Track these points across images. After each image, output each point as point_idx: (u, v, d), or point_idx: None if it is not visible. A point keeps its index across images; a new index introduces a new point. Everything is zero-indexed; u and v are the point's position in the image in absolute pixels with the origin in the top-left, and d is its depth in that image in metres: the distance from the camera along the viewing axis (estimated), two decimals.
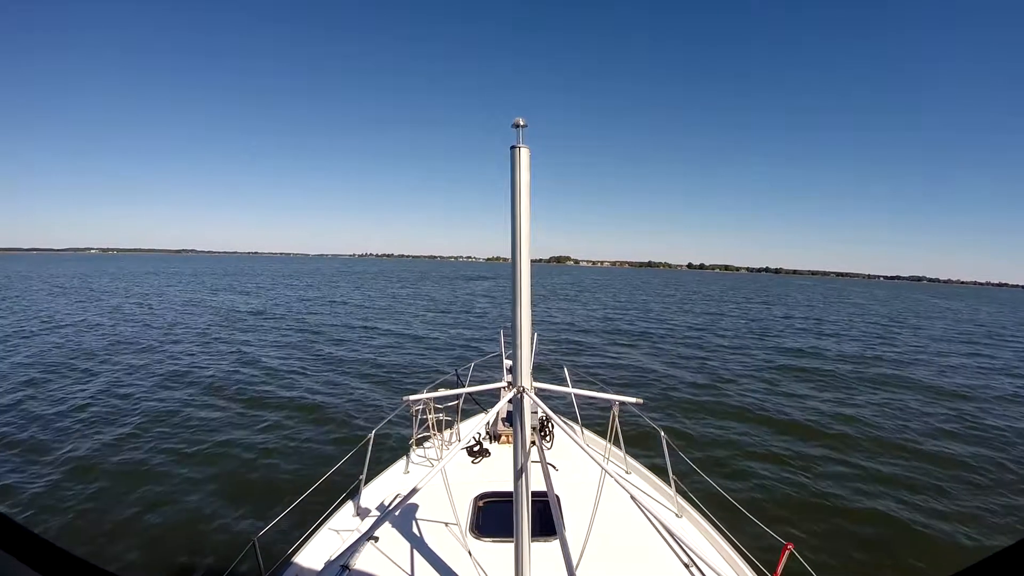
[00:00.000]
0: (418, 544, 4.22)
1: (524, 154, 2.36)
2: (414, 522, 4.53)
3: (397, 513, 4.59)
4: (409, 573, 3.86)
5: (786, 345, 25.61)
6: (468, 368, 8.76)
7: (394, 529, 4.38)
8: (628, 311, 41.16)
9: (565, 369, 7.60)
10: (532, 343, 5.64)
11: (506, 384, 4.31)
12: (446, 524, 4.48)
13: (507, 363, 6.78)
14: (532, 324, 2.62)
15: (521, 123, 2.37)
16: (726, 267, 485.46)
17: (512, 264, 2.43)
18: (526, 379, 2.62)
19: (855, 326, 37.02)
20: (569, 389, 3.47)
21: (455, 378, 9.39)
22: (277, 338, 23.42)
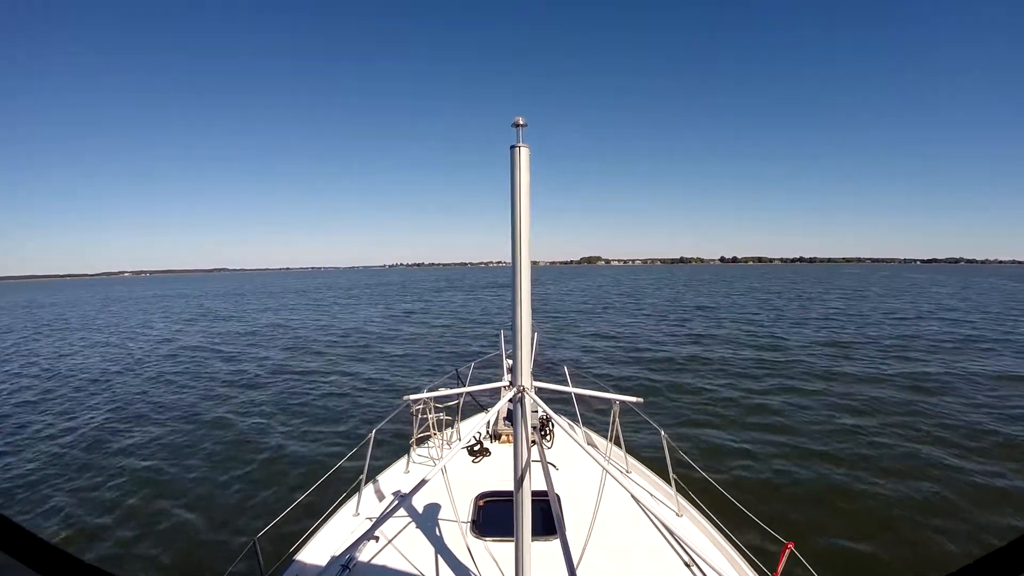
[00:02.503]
0: (419, 543, 4.22)
1: (524, 153, 2.35)
2: (415, 521, 4.53)
3: (398, 512, 4.59)
4: (410, 572, 3.86)
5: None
6: (468, 367, 8.77)
7: (395, 528, 4.38)
8: (706, 318, 31.69)
9: (565, 368, 7.59)
10: (532, 343, 5.63)
11: (506, 383, 4.31)
12: (447, 523, 4.48)
13: (507, 362, 6.77)
14: (532, 323, 2.62)
15: (521, 122, 2.37)
16: (759, 259, 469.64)
17: (512, 264, 2.43)
18: (526, 378, 2.61)
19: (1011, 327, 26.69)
20: (569, 388, 3.47)
21: (455, 377, 9.40)
22: (278, 342, 23.46)
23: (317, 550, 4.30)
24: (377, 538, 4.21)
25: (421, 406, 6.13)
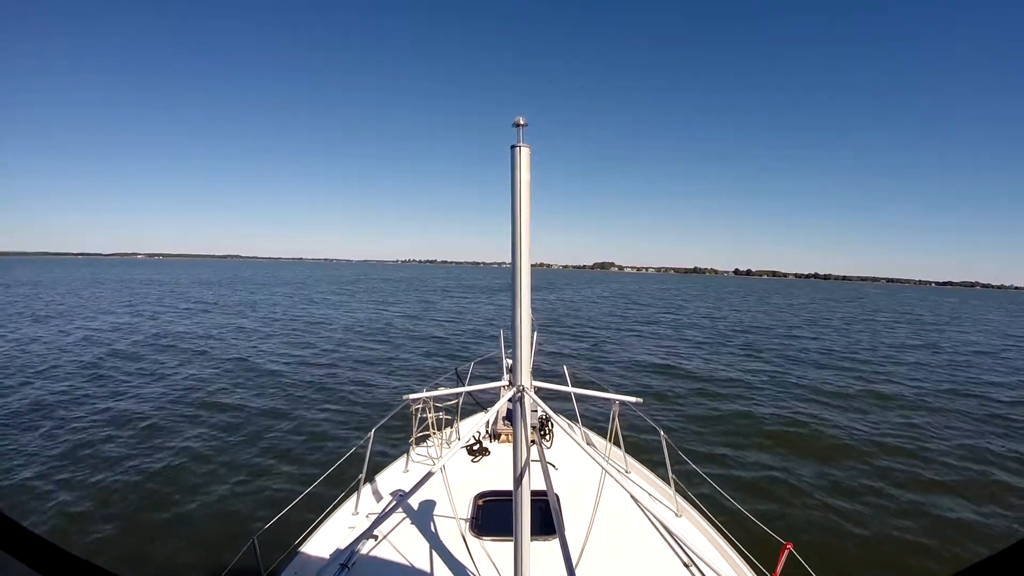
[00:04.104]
0: (418, 543, 4.22)
1: (524, 153, 2.36)
2: (414, 521, 4.53)
3: (397, 512, 4.59)
4: (409, 571, 3.86)
5: None
6: (468, 367, 8.78)
7: (394, 528, 4.39)
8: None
9: (565, 368, 7.60)
10: (532, 342, 5.64)
11: (506, 383, 4.31)
12: (446, 522, 4.48)
13: (507, 362, 6.78)
14: (532, 323, 2.62)
15: (521, 122, 2.38)
16: (773, 273, 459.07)
17: (512, 264, 2.44)
18: (526, 378, 2.62)
19: None
20: (569, 388, 3.47)
21: (455, 377, 9.41)
22: (277, 342, 23.46)
23: (316, 548, 4.31)
24: (376, 537, 4.22)
25: (420, 405, 6.14)
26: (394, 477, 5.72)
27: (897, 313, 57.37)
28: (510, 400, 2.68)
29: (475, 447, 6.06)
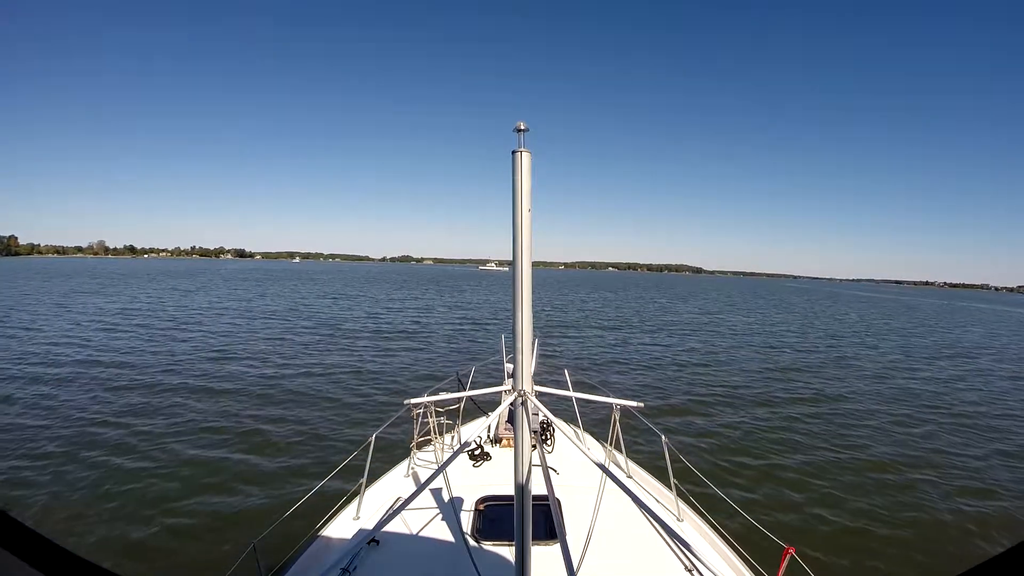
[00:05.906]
0: (419, 547, 4.22)
1: (525, 158, 2.38)
2: (416, 525, 4.53)
3: (398, 516, 4.59)
4: None
5: None
6: (469, 371, 8.78)
7: (395, 532, 4.38)
8: None
9: (566, 372, 7.61)
10: (533, 347, 5.65)
11: (507, 387, 4.32)
12: (448, 527, 4.48)
13: (508, 367, 6.79)
14: (533, 327, 2.63)
15: (522, 127, 2.40)
16: (771, 276, 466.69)
17: (513, 268, 2.45)
18: (527, 382, 2.62)
19: None
20: (570, 392, 3.48)
21: (456, 381, 9.41)
22: (277, 342, 23.43)
23: (317, 553, 4.30)
24: (378, 542, 4.21)
25: (422, 410, 6.14)
26: (395, 482, 5.71)
27: (954, 325, 48.50)
28: (511, 404, 2.68)
29: (476, 452, 6.05)
